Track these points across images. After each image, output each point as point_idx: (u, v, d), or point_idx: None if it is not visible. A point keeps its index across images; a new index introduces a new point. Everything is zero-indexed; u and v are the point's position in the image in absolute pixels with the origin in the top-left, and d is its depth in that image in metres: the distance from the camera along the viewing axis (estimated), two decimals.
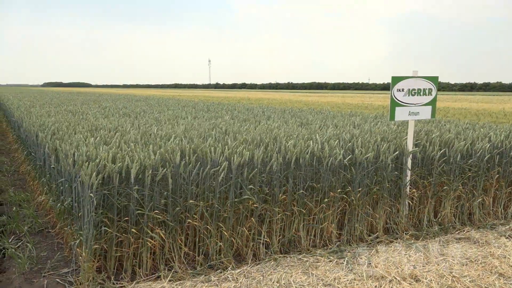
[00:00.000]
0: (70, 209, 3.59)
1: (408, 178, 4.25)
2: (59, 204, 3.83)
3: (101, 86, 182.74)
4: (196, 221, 3.34)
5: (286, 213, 3.67)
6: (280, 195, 3.62)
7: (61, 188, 3.94)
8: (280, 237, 3.67)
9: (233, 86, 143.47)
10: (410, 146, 4.29)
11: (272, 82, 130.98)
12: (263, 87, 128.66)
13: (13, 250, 3.48)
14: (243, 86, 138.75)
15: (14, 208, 4.69)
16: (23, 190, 5.40)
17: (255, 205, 3.49)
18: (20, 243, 3.70)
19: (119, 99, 17.00)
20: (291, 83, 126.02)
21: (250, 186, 3.47)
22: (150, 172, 3.15)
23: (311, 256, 3.51)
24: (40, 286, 2.97)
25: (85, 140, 4.02)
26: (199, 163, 3.39)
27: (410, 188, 4.29)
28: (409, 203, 4.29)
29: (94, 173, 2.91)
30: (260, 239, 3.54)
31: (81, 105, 10.95)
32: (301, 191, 3.68)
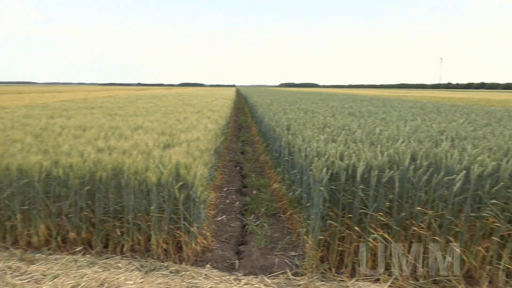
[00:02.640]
0: (299, 198, 3.93)
1: None
2: (290, 193, 4.26)
3: (327, 86, 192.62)
4: (422, 230, 3.14)
5: None
6: None
7: (293, 178, 4.37)
8: None
9: (468, 86, 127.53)
10: None
11: None
12: (508, 86, 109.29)
13: (253, 227, 4.07)
14: (481, 86, 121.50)
15: (255, 191, 5.47)
16: (262, 177, 6.23)
17: (496, 224, 3.02)
18: (258, 222, 4.30)
19: (344, 99, 17.54)
20: None
21: (493, 201, 3.02)
22: (376, 172, 3.13)
23: None
24: (271, 262, 3.36)
25: (316, 137, 4.31)
26: (431, 168, 3.16)
27: None
28: None
29: (325, 169, 3.10)
30: (500, 265, 3.04)
31: (311, 104, 11.81)
32: None
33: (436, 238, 3.11)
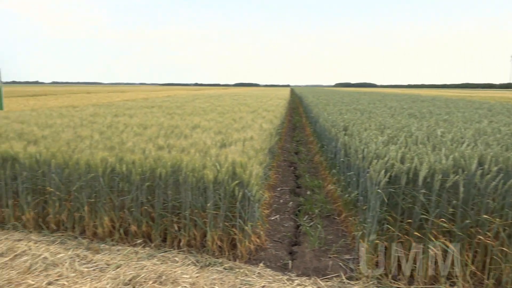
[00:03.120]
0: (355, 201, 3.84)
1: None
2: (346, 195, 4.17)
3: (385, 86, 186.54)
4: (489, 239, 2.94)
5: None
6: None
7: (349, 180, 4.27)
8: None
9: None
10: None
11: None
12: None
13: (307, 228, 4.04)
14: None
15: (308, 192, 5.43)
16: (316, 178, 6.17)
17: None
18: (312, 223, 4.26)
19: (404, 99, 16.88)
20: None
21: None
22: (439, 177, 2.98)
23: None
24: (325, 265, 3.32)
25: (374, 138, 4.18)
26: (501, 174, 2.95)
27: None
28: None
29: (383, 171, 3.00)
30: None
31: (368, 104, 11.50)
32: None
33: (504, 249, 2.90)
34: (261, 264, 3.30)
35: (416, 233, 3.06)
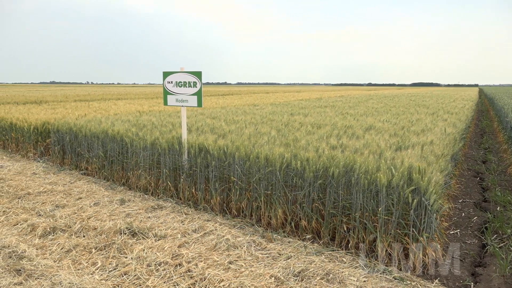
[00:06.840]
0: None
1: None
2: None
3: None
4: None
5: None
6: None
7: None
8: None
9: None
10: None
11: None
12: None
13: (496, 249, 3.51)
14: None
15: (499, 208, 4.70)
16: (509, 192, 5.29)
17: None
18: (502, 244, 3.67)
19: None
20: None
21: None
22: None
23: None
24: None
25: None
26: None
27: None
28: None
29: None
30: None
31: None
32: None
33: None
34: (436, 281, 3.01)
35: None
